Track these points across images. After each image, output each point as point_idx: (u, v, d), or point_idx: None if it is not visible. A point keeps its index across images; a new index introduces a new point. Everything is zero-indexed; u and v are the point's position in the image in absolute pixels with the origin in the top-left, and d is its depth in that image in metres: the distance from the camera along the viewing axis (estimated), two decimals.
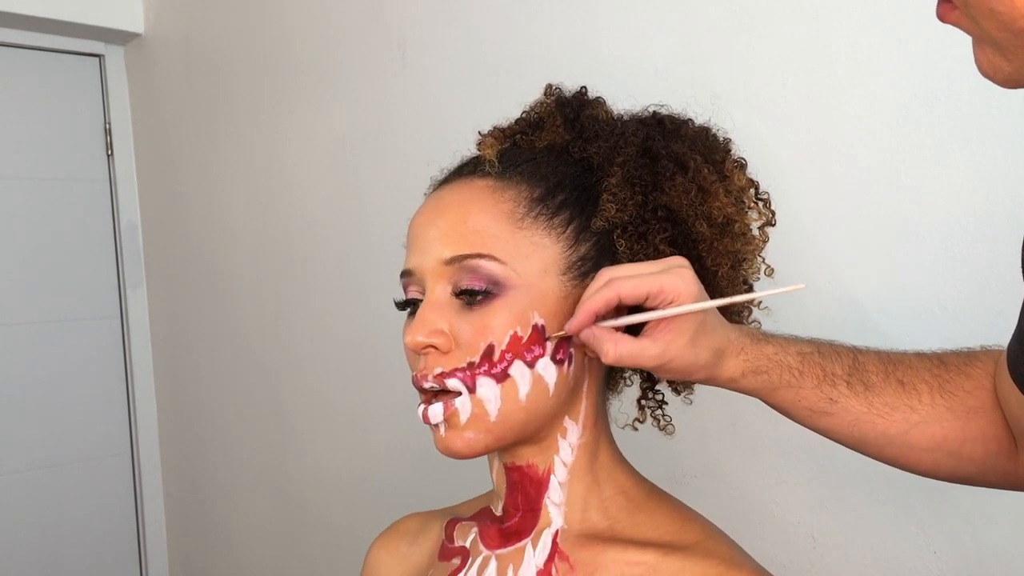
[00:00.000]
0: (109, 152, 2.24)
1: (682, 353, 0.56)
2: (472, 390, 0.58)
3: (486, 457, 0.66)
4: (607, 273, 0.57)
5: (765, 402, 0.62)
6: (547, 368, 0.59)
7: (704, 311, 0.57)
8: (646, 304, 0.56)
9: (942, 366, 0.60)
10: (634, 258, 0.60)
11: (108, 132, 2.23)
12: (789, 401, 0.60)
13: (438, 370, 0.58)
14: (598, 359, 0.62)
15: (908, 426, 0.59)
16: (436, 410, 0.58)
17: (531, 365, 0.58)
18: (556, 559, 0.61)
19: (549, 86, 0.67)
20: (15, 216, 2.09)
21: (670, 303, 0.55)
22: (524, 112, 0.68)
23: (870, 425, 0.59)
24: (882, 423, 0.59)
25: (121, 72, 2.26)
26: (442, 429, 0.59)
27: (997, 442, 0.58)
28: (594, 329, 0.56)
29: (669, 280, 0.55)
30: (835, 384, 0.59)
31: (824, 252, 0.91)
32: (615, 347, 0.56)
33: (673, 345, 0.56)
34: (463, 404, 0.58)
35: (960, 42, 0.79)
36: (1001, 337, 0.80)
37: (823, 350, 0.60)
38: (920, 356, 0.61)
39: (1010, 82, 0.44)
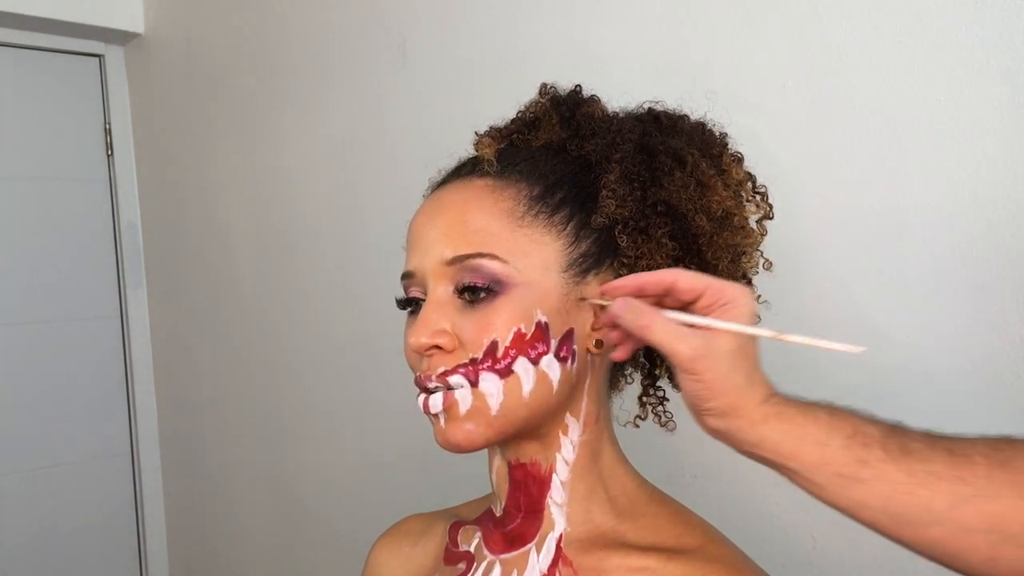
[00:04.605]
0: (109, 152, 2.24)
1: (719, 362, 0.51)
2: (474, 384, 0.58)
3: (486, 457, 0.67)
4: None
5: (789, 472, 0.52)
6: (551, 365, 0.59)
7: (751, 340, 0.52)
8: (700, 300, 0.53)
9: (1006, 441, 0.50)
10: (638, 253, 0.60)
11: (108, 132, 2.23)
12: (815, 464, 0.51)
13: (441, 369, 0.58)
14: (600, 357, 0.62)
15: (957, 499, 0.48)
16: (436, 400, 0.58)
17: (535, 362, 0.58)
18: (560, 564, 0.61)
19: (544, 85, 0.68)
20: (15, 216, 2.09)
21: (725, 305, 0.52)
22: (519, 112, 0.68)
23: (910, 496, 0.49)
24: (925, 494, 0.48)
25: (121, 72, 2.26)
26: (442, 420, 0.59)
27: None
28: (632, 299, 0.54)
29: (732, 285, 0.53)
30: (868, 445, 0.50)
31: (824, 252, 0.91)
32: (652, 319, 0.52)
33: (715, 344, 0.51)
34: (463, 396, 0.58)
35: (960, 43, 0.79)
36: (1000, 337, 0.80)
37: (856, 411, 0.53)
38: (980, 435, 0.52)
39: None
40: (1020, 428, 0.78)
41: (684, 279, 0.53)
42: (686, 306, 0.54)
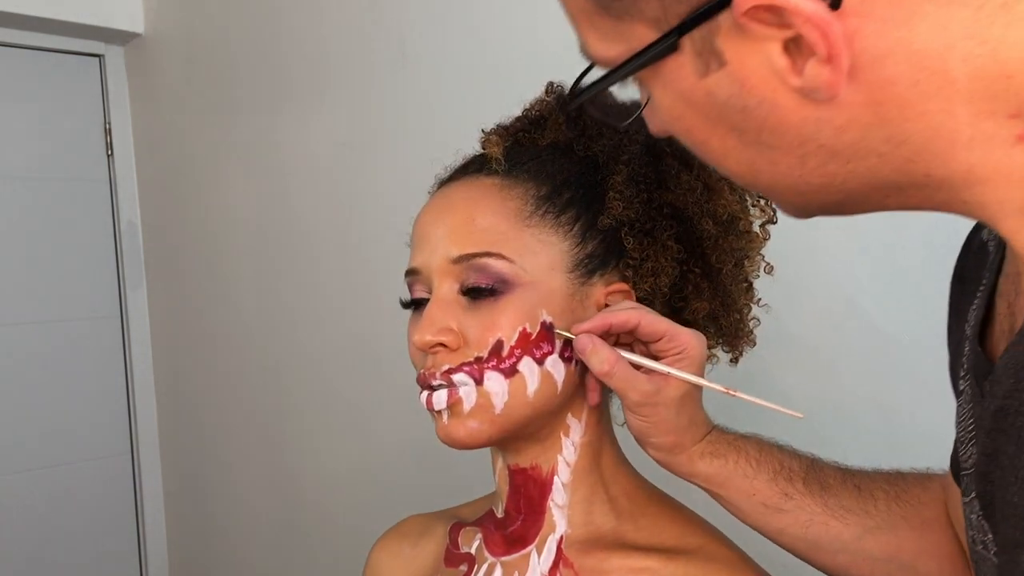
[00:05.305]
0: (109, 152, 2.23)
1: (667, 407, 0.57)
2: (479, 382, 0.58)
3: (489, 457, 0.66)
4: (637, 305, 0.59)
5: (718, 497, 0.61)
6: (556, 365, 0.59)
7: (696, 387, 0.58)
8: (658, 344, 0.57)
9: (899, 477, 0.60)
10: (643, 255, 0.60)
11: (108, 132, 2.23)
12: (743, 494, 0.59)
13: (445, 367, 0.58)
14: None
15: (863, 531, 0.57)
16: (440, 396, 0.58)
17: (540, 362, 0.58)
18: (561, 566, 0.61)
19: (550, 84, 0.68)
20: (15, 216, 2.09)
21: (679, 353, 0.57)
22: (525, 110, 0.68)
23: (824, 527, 0.58)
24: (837, 525, 0.58)
25: (121, 72, 2.25)
26: (445, 417, 0.59)
27: (951, 561, 0.57)
28: (596, 339, 0.57)
29: (688, 333, 0.57)
30: (791, 480, 0.59)
31: (824, 252, 0.91)
32: (613, 368, 0.56)
33: (664, 394, 0.57)
34: (467, 393, 0.58)
35: None
36: None
37: (782, 447, 0.61)
38: (877, 469, 0.61)
39: (795, 215, 0.44)
40: None
41: (646, 323, 0.57)
42: (646, 345, 0.59)
